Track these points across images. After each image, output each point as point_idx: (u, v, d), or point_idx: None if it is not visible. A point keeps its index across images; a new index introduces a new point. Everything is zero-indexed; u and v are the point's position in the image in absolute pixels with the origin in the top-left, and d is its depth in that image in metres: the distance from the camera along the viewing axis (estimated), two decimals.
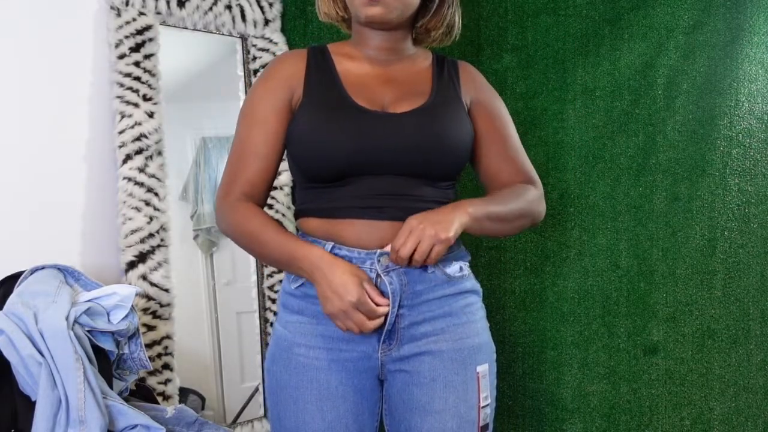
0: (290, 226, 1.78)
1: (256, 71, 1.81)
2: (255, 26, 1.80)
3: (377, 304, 1.07)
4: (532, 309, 1.78)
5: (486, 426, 1.17)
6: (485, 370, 1.17)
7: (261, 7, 1.81)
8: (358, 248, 1.11)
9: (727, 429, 1.77)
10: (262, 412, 1.82)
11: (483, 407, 1.16)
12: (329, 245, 1.11)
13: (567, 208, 1.76)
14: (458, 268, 1.17)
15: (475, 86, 1.26)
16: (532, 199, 1.20)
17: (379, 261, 1.10)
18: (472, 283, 1.21)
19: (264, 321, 1.81)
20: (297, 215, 1.21)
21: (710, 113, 1.72)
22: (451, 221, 1.06)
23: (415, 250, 1.05)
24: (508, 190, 1.20)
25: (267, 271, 1.81)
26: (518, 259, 1.78)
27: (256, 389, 1.83)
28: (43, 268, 1.33)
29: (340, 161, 1.11)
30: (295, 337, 1.15)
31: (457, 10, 1.25)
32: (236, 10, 1.77)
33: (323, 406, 1.12)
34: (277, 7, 1.84)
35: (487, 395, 1.17)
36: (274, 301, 1.80)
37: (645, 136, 1.73)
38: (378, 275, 1.10)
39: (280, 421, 1.17)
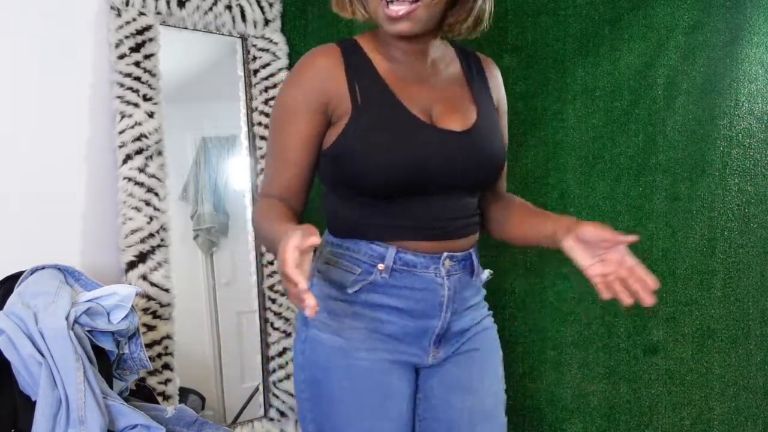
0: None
1: (256, 71, 1.81)
2: (255, 26, 1.80)
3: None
4: (532, 309, 1.78)
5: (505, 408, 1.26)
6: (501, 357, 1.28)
7: (261, 7, 1.81)
8: (423, 253, 1.12)
9: (727, 429, 1.77)
10: (262, 412, 1.82)
11: (505, 390, 1.27)
12: (393, 249, 1.10)
13: (567, 208, 1.76)
14: (487, 274, 1.25)
15: (497, 87, 1.27)
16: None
17: (443, 265, 1.13)
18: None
19: (264, 321, 1.81)
20: (336, 228, 1.15)
21: (710, 113, 1.71)
22: None
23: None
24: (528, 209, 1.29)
25: (267, 270, 1.81)
26: (518, 259, 1.78)
27: (256, 389, 1.83)
28: (43, 268, 1.34)
29: (401, 180, 1.07)
30: (353, 342, 1.13)
31: (488, 1, 1.14)
32: (236, 10, 1.77)
33: (389, 405, 1.14)
34: (277, 7, 1.84)
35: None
36: (274, 301, 1.80)
37: (645, 136, 1.73)
38: (441, 278, 1.14)
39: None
